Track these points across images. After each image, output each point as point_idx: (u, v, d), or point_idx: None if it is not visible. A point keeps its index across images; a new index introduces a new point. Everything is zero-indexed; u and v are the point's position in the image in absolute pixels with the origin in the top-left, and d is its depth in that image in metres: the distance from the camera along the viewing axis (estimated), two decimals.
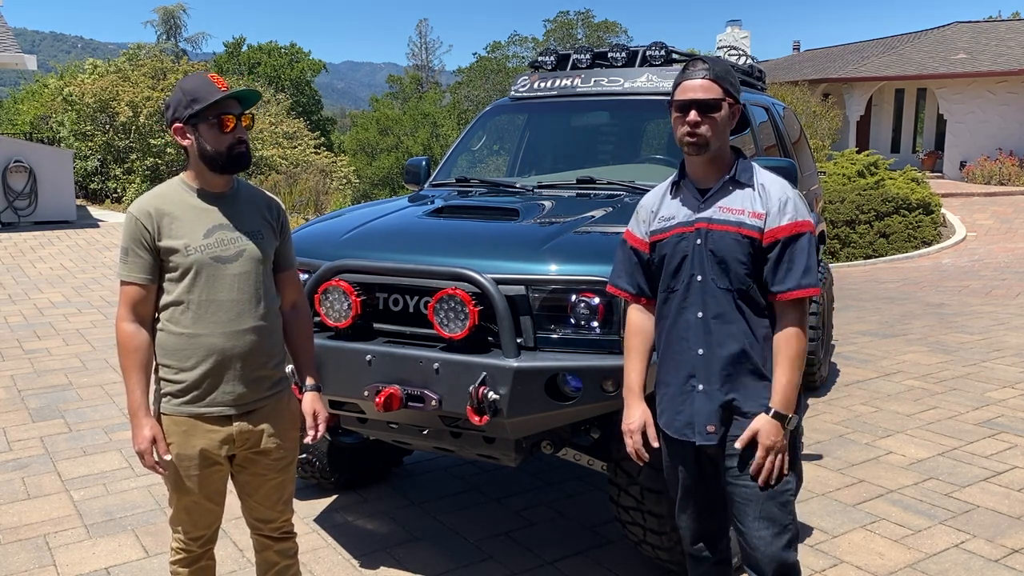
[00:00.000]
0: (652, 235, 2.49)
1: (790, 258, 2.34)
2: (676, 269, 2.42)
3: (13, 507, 4.17)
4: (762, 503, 2.39)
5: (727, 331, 2.38)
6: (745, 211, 2.36)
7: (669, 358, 2.48)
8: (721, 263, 2.36)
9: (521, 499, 4.29)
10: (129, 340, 2.38)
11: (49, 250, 12.38)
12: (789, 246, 2.34)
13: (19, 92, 35.66)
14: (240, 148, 2.39)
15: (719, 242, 2.36)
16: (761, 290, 2.38)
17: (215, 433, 2.43)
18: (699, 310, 2.39)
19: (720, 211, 2.38)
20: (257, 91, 2.45)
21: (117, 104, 18.38)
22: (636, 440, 2.51)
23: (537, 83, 4.92)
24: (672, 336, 2.46)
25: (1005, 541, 3.77)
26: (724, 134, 2.39)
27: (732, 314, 2.37)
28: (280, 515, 2.64)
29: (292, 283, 2.65)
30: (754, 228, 2.35)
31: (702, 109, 2.34)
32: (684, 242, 2.41)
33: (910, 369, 6.62)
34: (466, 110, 39.53)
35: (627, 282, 2.58)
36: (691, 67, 2.40)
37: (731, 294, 2.37)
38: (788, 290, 2.34)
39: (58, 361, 6.79)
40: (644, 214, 2.55)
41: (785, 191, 2.39)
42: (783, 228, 2.34)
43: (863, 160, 15.67)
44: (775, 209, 2.35)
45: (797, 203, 2.39)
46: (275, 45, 44.63)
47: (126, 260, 2.39)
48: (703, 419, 2.41)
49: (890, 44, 26.35)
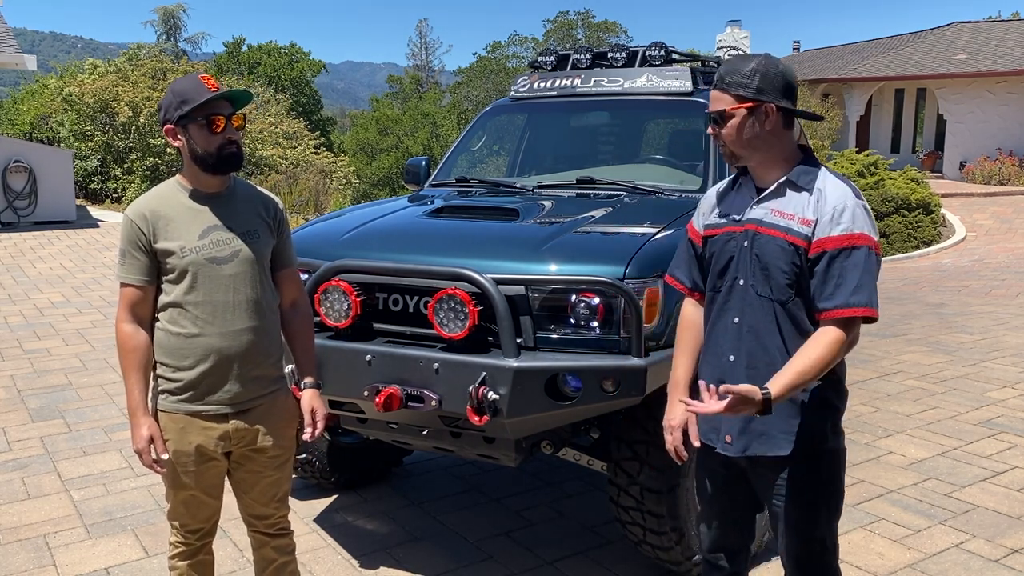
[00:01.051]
0: (706, 229, 2.38)
1: (840, 273, 2.12)
2: (722, 270, 2.31)
3: (13, 507, 4.17)
4: (788, 522, 2.28)
5: (760, 344, 2.23)
6: (795, 216, 2.19)
7: (705, 360, 2.38)
8: (764, 269, 2.21)
9: (521, 499, 4.29)
10: (128, 340, 2.39)
11: (49, 250, 12.38)
12: (838, 259, 2.12)
13: (19, 92, 35.66)
14: (230, 148, 2.38)
15: (764, 247, 2.21)
16: (806, 307, 2.20)
17: (211, 430, 2.44)
18: (736, 315, 2.27)
19: (771, 214, 2.23)
20: (248, 91, 2.43)
21: (117, 104, 18.38)
22: (676, 437, 2.39)
23: (537, 83, 4.92)
24: (711, 338, 2.35)
25: (1005, 541, 3.77)
26: (751, 139, 2.21)
27: (768, 326, 2.22)
28: (276, 512, 2.65)
29: (292, 281, 2.64)
30: (801, 236, 2.16)
31: (715, 121, 2.25)
32: (733, 242, 2.29)
33: (910, 369, 6.62)
34: (466, 110, 39.51)
35: (684, 274, 2.47)
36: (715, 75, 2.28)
37: (772, 304, 2.21)
38: (835, 308, 2.12)
39: (58, 361, 6.79)
40: (706, 206, 2.42)
41: (845, 199, 2.17)
42: (833, 239, 2.13)
43: (863, 160, 15.69)
44: (827, 218, 2.15)
45: (856, 213, 2.15)
46: (275, 45, 44.62)
47: (123, 262, 2.40)
48: (724, 427, 2.30)
49: (890, 44, 26.36)
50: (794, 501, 2.27)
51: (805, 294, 2.19)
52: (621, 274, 2.97)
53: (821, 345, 2.12)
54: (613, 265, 3.00)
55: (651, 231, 3.27)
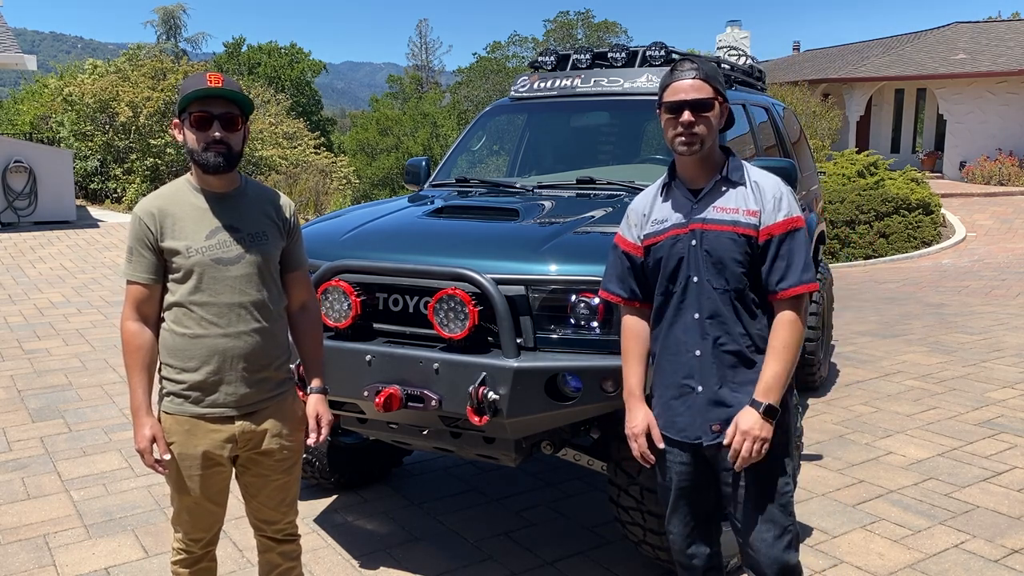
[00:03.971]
0: (645, 239, 2.47)
1: (788, 254, 2.33)
2: (673, 272, 2.41)
3: (13, 507, 4.17)
4: (762, 505, 2.37)
5: (723, 331, 2.37)
6: (739, 209, 2.36)
7: (666, 360, 2.46)
8: (717, 263, 2.35)
9: (521, 499, 4.29)
10: (133, 339, 2.38)
11: (49, 250, 12.38)
12: (785, 242, 2.34)
13: (19, 92, 35.62)
14: (216, 149, 2.33)
15: (714, 242, 2.35)
16: (755, 289, 2.38)
17: (217, 433, 2.42)
18: (695, 311, 2.39)
19: (714, 211, 2.37)
20: (241, 92, 2.35)
21: (117, 104, 18.38)
22: (641, 444, 2.49)
23: (537, 83, 4.92)
24: (669, 339, 2.45)
25: (1005, 541, 3.77)
26: (716, 133, 2.40)
27: (728, 315, 2.37)
28: (283, 517, 2.63)
29: (301, 284, 2.61)
30: (749, 226, 2.34)
31: (696, 109, 2.34)
32: (679, 244, 2.40)
33: (910, 369, 6.62)
34: (466, 110, 39.48)
35: (619, 287, 2.56)
36: (679, 68, 2.40)
37: (727, 294, 2.36)
38: (790, 287, 2.33)
39: (58, 361, 6.79)
40: (635, 218, 2.53)
41: (778, 187, 2.40)
42: (779, 225, 2.34)
43: (863, 160, 15.68)
44: (770, 206, 2.35)
45: (790, 199, 2.39)
46: (275, 45, 44.61)
47: (130, 260, 2.39)
48: (706, 418, 2.40)
49: (890, 44, 26.35)
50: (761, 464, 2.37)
51: (754, 279, 2.37)
52: None
53: (785, 333, 2.33)
54: None
55: None
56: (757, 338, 2.38)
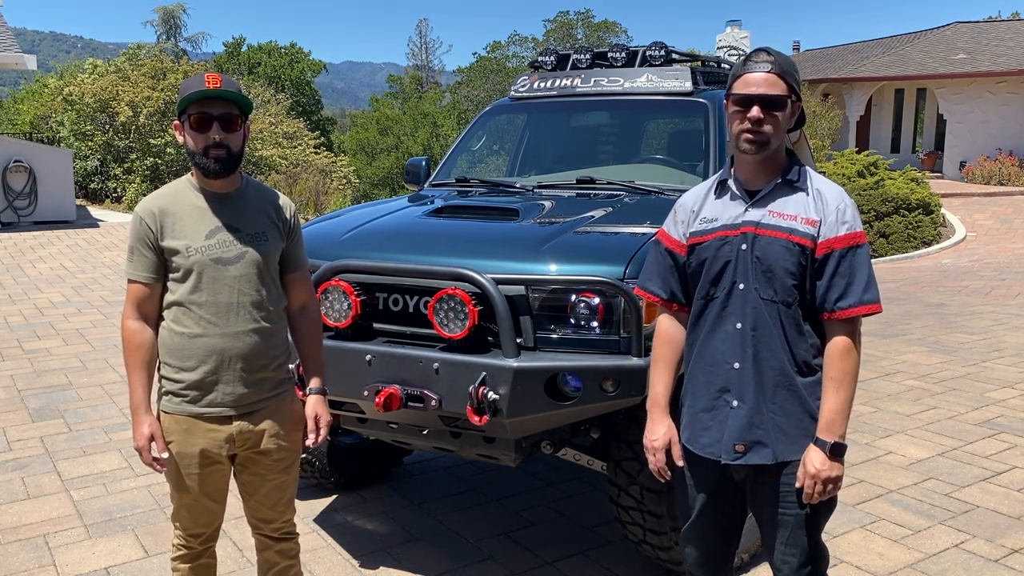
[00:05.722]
0: (691, 237, 2.29)
1: (849, 271, 2.14)
2: (717, 275, 2.23)
3: (13, 507, 4.17)
4: (792, 530, 2.24)
5: (767, 346, 2.18)
6: (798, 217, 2.17)
7: (701, 370, 2.29)
8: (767, 272, 2.16)
9: (521, 499, 4.29)
10: (133, 337, 2.39)
11: (49, 250, 12.38)
12: (847, 258, 2.14)
13: (19, 92, 35.63)
14: (215, 154, 2.33)
15: (767, 249, 2.16)
16: (803, 305, 2.18)
17: (215, 432, 2.43)
18: (738, 321, 2.20)
19: (770, 215, 2.19)
20: (239, 92, 2.35)
21: (117, 104, 18.37)
22: (660, 459, 2.34)
23: (537, 83, 4.92)
24: (707, 347, 2.27)
25: (1005, 541, 3.77)
26: (784, 134, 2.21)
27: (773, 328, 2.18)
28: (281, 516, 2.64)
29: (301, 284, 2.62)
30: (807, 236, 2.15)
31: (766, 105, 2.14)
32: (727, 246, 2.21)
33: (910, 369, 6.62)
34: (466, 110, 39.49)
35: (659, 286, 2.38)
36: (754, 59, 2.19)
37: (775, 306, 2.17)
38: (849, 306, 2.13)
39: (58, 361, 6.79)
40: (683, 214, 2.34)
41: (843, 199, 2.20)
42: (840, 239, 2.14)
43: (863, 160, 15.70)
44: (832, 218, 2.16)
45: (854, 212, 2.19)
46: (275, 45, 44.62)
47: (131, 259, 2.40)
48: (732, 437, 2.23)
49: (890, 44, 26.35)
50: (799, 502, 2.22)
51: (804, 293, 2.18)
52: (621, 274, 2.97)
53: (843, 363, 2.15)
54: (613, 265, 3.00)
55: (651, 231, 3.26)
56: (800, 359, 2.19)
